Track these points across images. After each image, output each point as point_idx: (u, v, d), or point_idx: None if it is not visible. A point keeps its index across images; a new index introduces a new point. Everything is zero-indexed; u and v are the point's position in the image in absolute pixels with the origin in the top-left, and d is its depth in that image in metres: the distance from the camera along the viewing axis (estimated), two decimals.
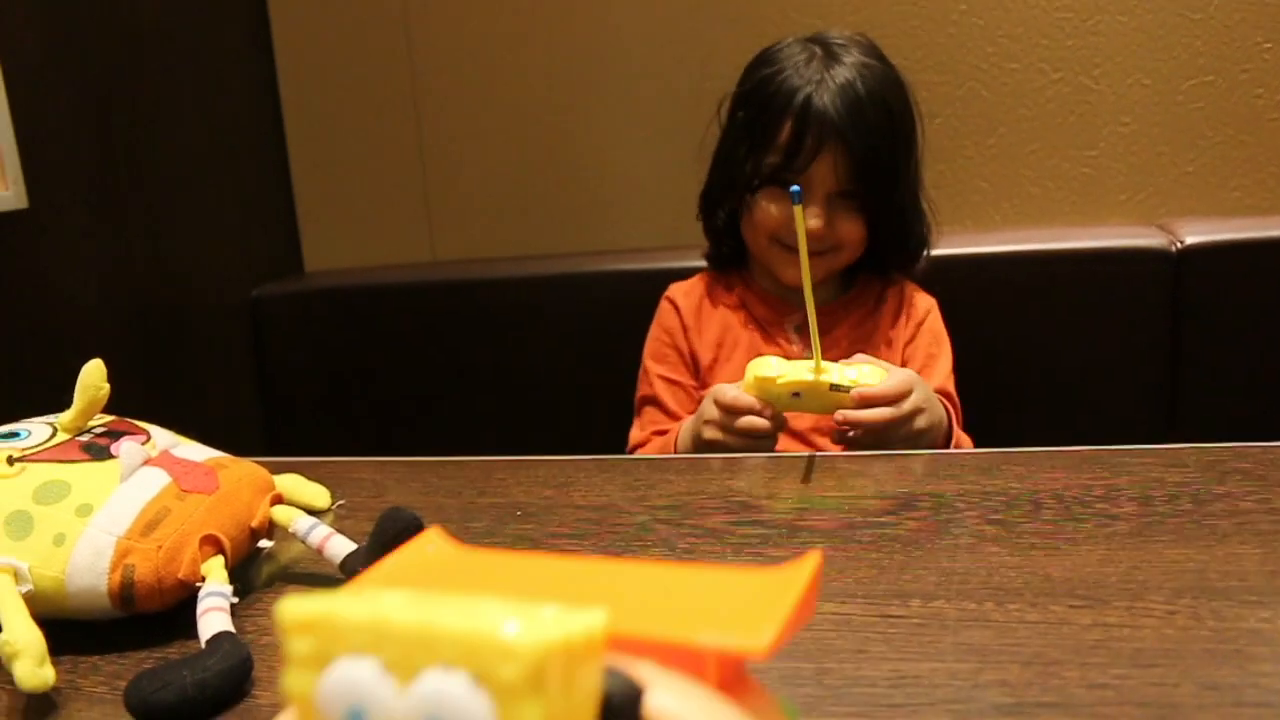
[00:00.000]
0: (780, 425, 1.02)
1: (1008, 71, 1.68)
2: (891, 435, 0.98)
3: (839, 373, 0.96)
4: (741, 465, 0.91)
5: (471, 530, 0.76)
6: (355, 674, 0.26)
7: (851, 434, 0.98)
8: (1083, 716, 0.48)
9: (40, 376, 1.35)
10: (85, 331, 1.44)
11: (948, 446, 1.09)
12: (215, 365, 1.75)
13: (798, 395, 0.96)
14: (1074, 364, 1.57)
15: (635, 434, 1.31)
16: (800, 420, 1.20)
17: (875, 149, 1.19)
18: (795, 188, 0.92)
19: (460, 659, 0.25)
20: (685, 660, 0.28)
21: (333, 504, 0.83)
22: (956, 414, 1.26)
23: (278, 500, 0.72)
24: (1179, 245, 1.50)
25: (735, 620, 0.29)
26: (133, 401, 0.71)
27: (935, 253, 1.50)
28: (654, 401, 1.31)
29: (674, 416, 1.29)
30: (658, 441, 1.25)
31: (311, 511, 0.73)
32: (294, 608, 0.26)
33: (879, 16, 1.69)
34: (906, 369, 1.06)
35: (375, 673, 0.26)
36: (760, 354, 0.98)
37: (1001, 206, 1.73)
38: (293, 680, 0.27)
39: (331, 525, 0.69)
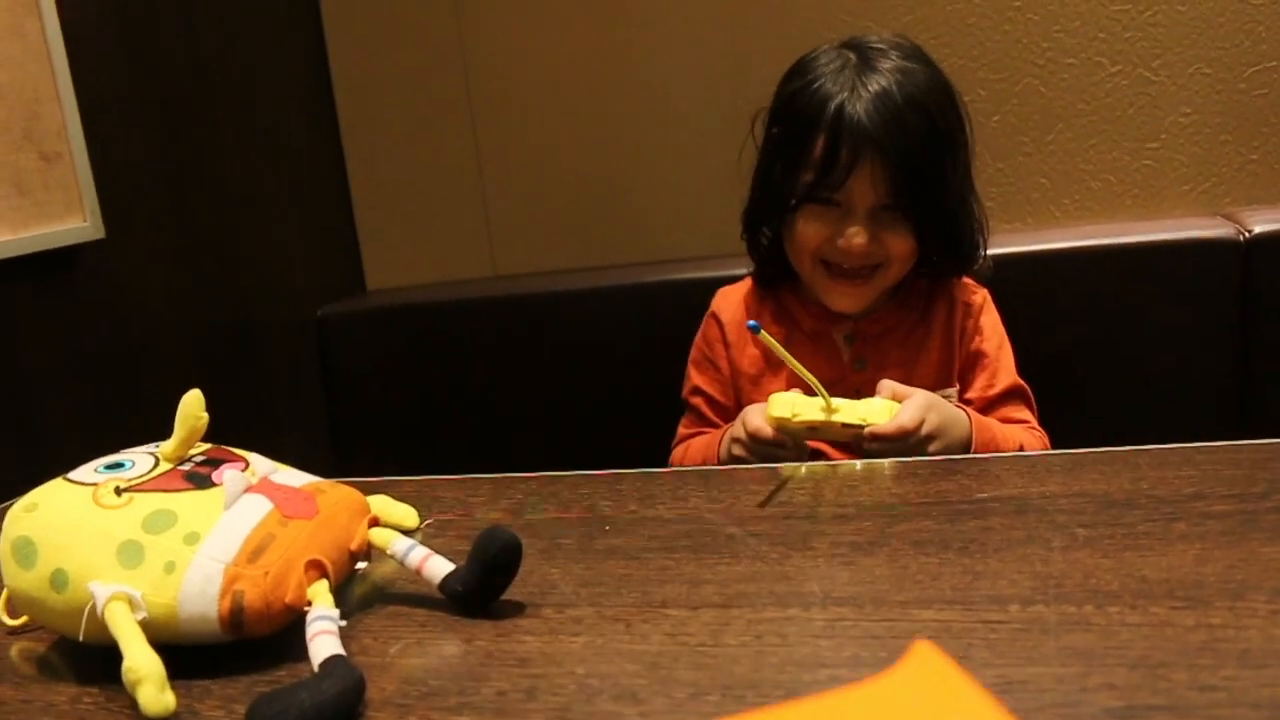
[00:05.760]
0: (802, 454, 1.08)
1: (1064, 66, 1.67)
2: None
3: (850, 411, 1.01)
4: (824, 473, 0.91)
5: (563, 546, 0.77)
6: None
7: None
8: (1197, 719, 0.48)
9: (121, 401, 1.39)
10: (160, 357, 1.48)
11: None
12: (283, 385, 1.78)
13: (815, 429, 1.04)
14: (1142, 359, 1.56)
15: (681, 429, 1.34)
16: None
17: (916, 159, 1.13)
18: (751, 322, 0.93)
19: None
20: None
21: (421, 524, 0.84)
22: (1030, 406, 1.26)
23: (374, 523, 0.73)
24: (1246, 235, 1.49)
25: None
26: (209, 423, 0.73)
27: (997, 251, 1.49)
28: (692, 406, 1.33)
29: (708, 422, 1.30)
30: (700, 441, 1.27)
31: (401, 531, 0.74)
32: None
33: (933, 16, 1.69)
34: (923, 394, 1.06)
35: None
36: (809, 365, 0.99)
37: (1062, 202, 1.72)
38: None
39: (422, 544, 0.71)
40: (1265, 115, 1.63)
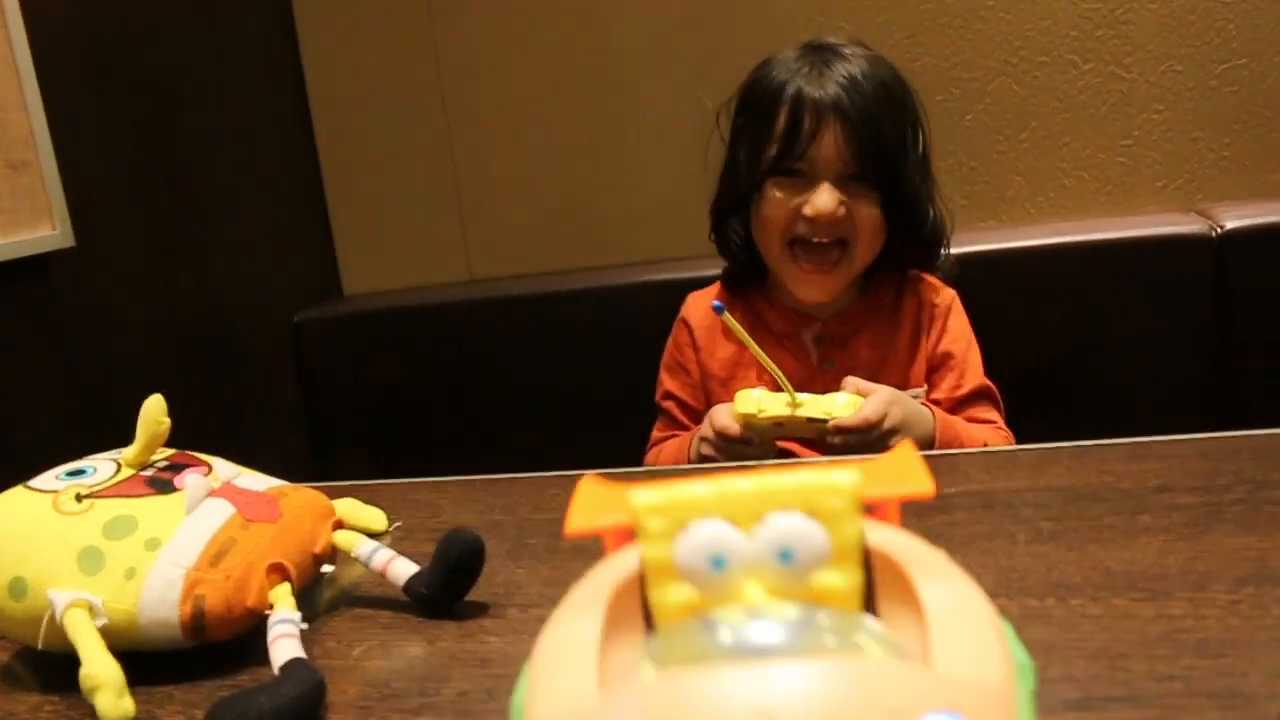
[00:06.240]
0: (769, 450, 1.10)
1: (1038, 65, 1.67)
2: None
3: (815, 406, 1.03)
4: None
5: (529, 546, 0.77)
6: (711, 530, 0.34)
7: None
8: (1152, 709, 0.48)
9: (93, 410, 1.38)
10: (134, 364, 1.47)
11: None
12: (260, 391, 1.78)
13: (781, 425, 1.05)
14: (1118, 356, 1.56)
15: (655, 433, 1.35)
16: None
17: (877, 124, 1.15)
18: (716, 303, 0.97)
19: (793, 503, 0.35)
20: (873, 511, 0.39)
21: (390, 526, 0.84)
22: (997, 406, 1.26)
23: (338, 525, 0.73)
24: (1219, 230, 1.49)
25: (897, 481, 0.39)
26: (182, 431, 0.73)
27: (971, 249, 1.50)
28: (664, 410, 1.34)
29: (680, 426, 1.31)
30: (672, 444, 1.28)
31: (369, 534, 0.74)
32: (645, 495, 0.35)
33: (905, 16, 1.69)
34: (886, 389, 1.08)
35: (727, 526, 0.34)
36: (778, 366, 1.02)
37: (1037, 200, 1.72)
38: (650, 552, 0.35)
39: (390, 548, 0.71)
40: (1236, 112, 1.64)
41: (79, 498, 0.65)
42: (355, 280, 2.02)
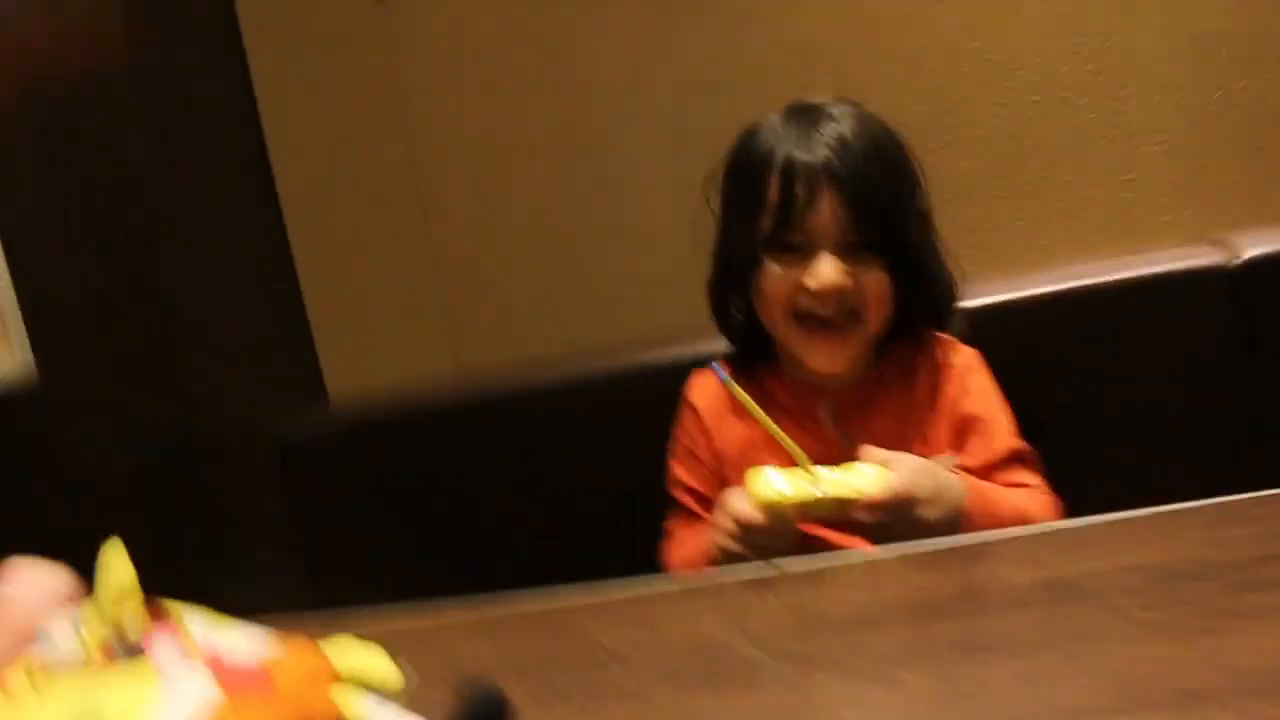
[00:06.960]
0: (793, 536, 1.01)
1: (1030, 104, 1.62)
2: (901, 533, 0.95)
3: (842, 484, 0.97)
4: (841, 572, 0.82)
5: (559, 688, 0.68)
6: None
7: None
8: None
9: (62, 543, 1.30)
10: (107, 495, 1.40)
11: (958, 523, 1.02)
12: (244, 512, 1.70)
13: (806, 506, 0.98)
14: (1140, 400, 1.47)
15: (669, 527, 1.27)
16: None
17: (873, 185, 1.11)
18: (714, 363, 0.95)
19: None
20: None
21: (405, 683, 0.74)
22: (1036, 470, 1.18)
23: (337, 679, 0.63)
24: (1237, 260, 1.42)
25: None
26: (165, 563, 0.65)
27: (977, 303, 1.43)
28: (679, 503, 1.26)
29: (697, 519, 1.23)
30: (690, 541, 1.20)
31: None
32: None
33: (890, 68, 1.64)
34: (911, 458, 1.02)
35: None
36: (795, 443, 0.96)
37: (1040, 243, 1.66)
38: None
39: (401, 705, 0.61)
40: (1244, 134, 1.58)
41: (31, 674, 0.56)
42: (339, 376, 1.95)
